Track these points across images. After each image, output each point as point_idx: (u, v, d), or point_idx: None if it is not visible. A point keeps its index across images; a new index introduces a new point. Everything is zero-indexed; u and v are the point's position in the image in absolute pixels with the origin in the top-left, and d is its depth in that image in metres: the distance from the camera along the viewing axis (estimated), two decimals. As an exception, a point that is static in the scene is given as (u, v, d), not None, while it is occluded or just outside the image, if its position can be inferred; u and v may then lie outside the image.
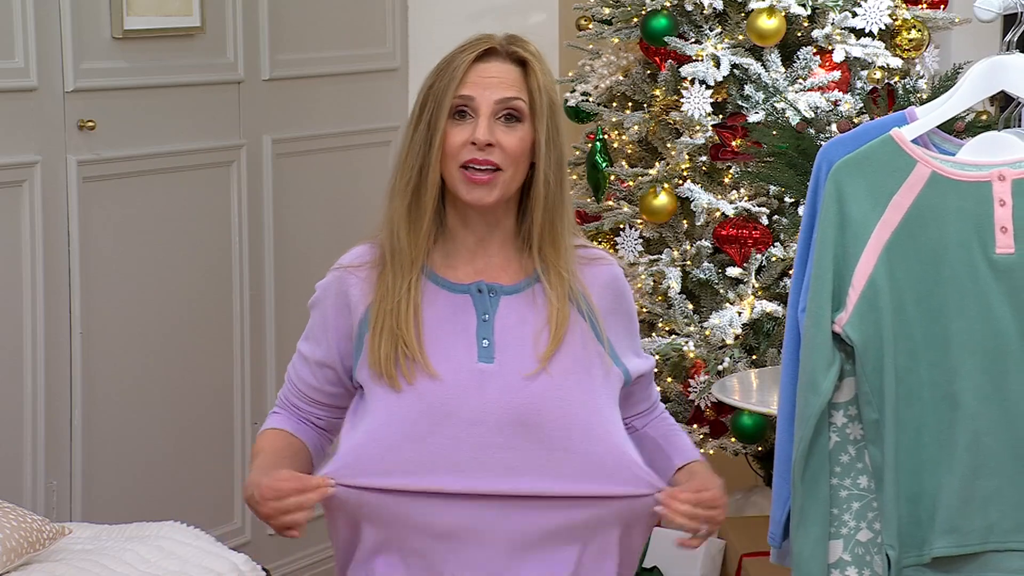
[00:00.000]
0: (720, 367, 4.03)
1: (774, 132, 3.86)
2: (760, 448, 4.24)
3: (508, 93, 2.28)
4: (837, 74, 4.13)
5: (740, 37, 4.16)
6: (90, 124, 3.93)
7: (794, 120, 3.96)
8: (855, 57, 4.15)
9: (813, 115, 4.01)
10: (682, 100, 4.13)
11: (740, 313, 4.05)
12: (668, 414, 2.50)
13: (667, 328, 4.16)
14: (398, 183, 2.31)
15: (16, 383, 3.80)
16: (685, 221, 4.23)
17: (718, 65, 4.11)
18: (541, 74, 2.30)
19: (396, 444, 2.25)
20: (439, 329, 2.30)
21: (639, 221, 4.24)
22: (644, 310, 4.18)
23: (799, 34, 4.22)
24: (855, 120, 3.98)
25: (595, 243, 4.25)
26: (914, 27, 4.23)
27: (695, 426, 4.13)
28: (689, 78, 4.12)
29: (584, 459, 2.25)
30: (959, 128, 3.52)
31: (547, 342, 2.28)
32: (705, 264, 4.14)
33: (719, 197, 4.14)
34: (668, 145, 4.23)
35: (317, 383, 2.38)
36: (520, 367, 2.27)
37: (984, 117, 3.74)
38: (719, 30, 4.18)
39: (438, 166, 2.27)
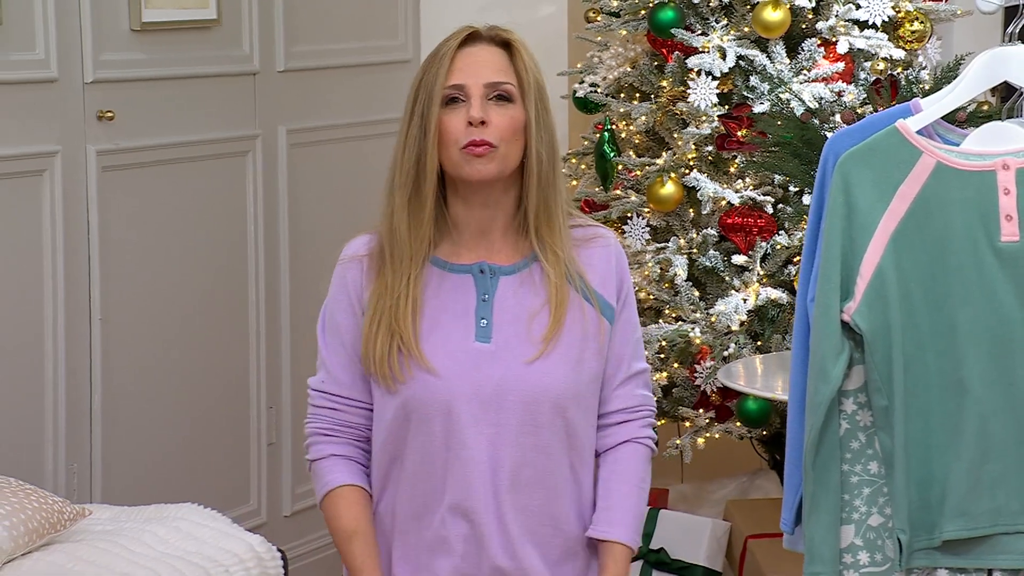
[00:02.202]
0: (726, 353, 4.02)
1: (779, 122, 3.85)
2: (765, 432, 4.23)
3: (496, 78, 2.29)
4: (841, 65, 4.12)
5: (746, 29, 4.15)
6: (109, 115, 3.92)
7: (799, 110, 3.94)
8: (859, 49, 4.14)
9: (817, 105, 3.99)
10: (689, 91, 4.11)
11: (745, 300, 4.04)
12: (634, 450, 2.39)
13: (674, 315, 4.15)
14: (397, 178, 2.31)
15: (37, 369, 3.80)
16: (691, 210, 4.22)
17: (724, 57, 4.10)
18: (526, 55, 2.31)
19: (392, 450, 2.31)
20: (439, 312, 2.30)
21: (646, 210, 4.23)
22: (651, 297, 4.17)
23: (804, 26, 4.21)
24: (859, 110, 3.96)
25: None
26: (917, 19, 4.21)
27: (701, 411, 4.12)
28: (695, 69, 4.11)
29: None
30: (961, 118, 3.50)
31: (547, 324, 2.28)
32: (711, 252, 4.13)
33: (725, 186, 4.13)
34: (675, 135, 4.22)
35: (366, 383, 2.35)
36: (519, 350, 2.27)
37: (985, 107, 3.72)
38: (725, 22, 4.17)
39: (435, 154, 2.28)
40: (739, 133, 4.11)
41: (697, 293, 4.14)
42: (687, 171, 4.16)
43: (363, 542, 2.32)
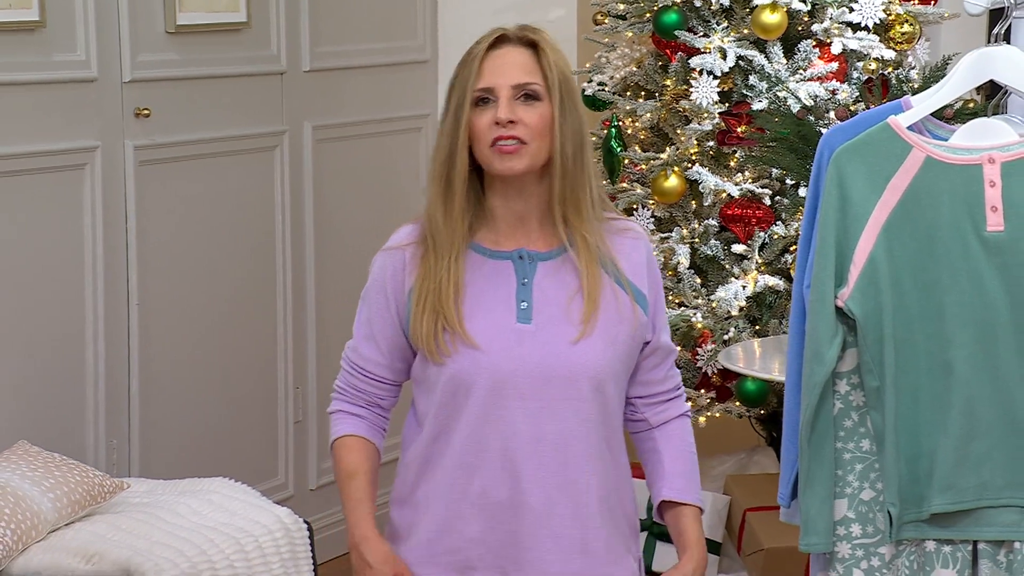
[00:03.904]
0: (726, 336, 4.02)
1: (776, 119, 3.85)
2: (763, 411, 4.24)
3: (523, 79, 2.29)
4: (835, 65, 4.11)
5: (745, 31, 4.15)
6: (146, 112, 3.93)
7: (795, 108, 3.94)
8: (852, 49, 4.14)
9: (813, 103, 3.99)
10: (691, 89, 4.12)
11: (744, 287, 4.04)
12: (687, 424, 2.45)
13: (677, 301, 4.15)
14: (433, 172, 2.32)
15: (79, 351, 3.81)
16: (694, 202, 4.22)
17: (724, 57, 4.09)
18: (552, 53, 2.31)
19: (442, 425, 2.31)
20: (481, 295, 2.30)
21: (651, 201, 4.23)
22: (656, 284, 4.17)
23: (800, 28, 4.20)
24: (852, 108, 3.96)
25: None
26: (906, 21, 4.20)
27: (702, 391, 4.12)
28: (697, 69, 4.11)
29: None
30: (948, 115, 3.49)
31: (583, 307, 2.28)
32: (712, 241, 4.14)
33: (725, 179, 4.13)
34: (678, 131, 4.22)
35: (386, 360, 2.36)
36: (560, 331, 2.28)
37: (971, 104, 3.72)
38: (725, 24, 4.17)
39: (465, 150, 2.29)
40: (739, 129, 4.11)
41: (699, 280, 4.15)
42: (689, 165, 4.16)
43: (361, 481, 2.35)
